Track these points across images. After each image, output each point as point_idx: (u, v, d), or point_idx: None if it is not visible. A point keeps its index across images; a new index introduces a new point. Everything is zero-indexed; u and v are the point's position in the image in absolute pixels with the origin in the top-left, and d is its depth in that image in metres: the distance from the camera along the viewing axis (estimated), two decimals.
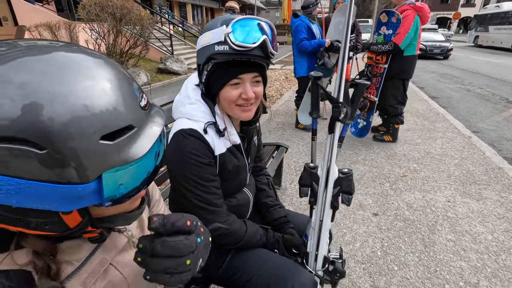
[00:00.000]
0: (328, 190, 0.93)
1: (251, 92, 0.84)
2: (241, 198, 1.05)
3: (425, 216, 2.20)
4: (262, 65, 0.85)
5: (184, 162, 0.84)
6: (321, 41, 3.40)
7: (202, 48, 0.82)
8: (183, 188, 0.85)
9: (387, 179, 2.75)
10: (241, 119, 0.92)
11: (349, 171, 0.93)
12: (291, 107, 5.07)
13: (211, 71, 0.84)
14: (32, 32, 7.91)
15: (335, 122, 0.85)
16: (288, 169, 2.95)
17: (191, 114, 0.87)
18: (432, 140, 3.69)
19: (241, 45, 0.75)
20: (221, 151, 0.90)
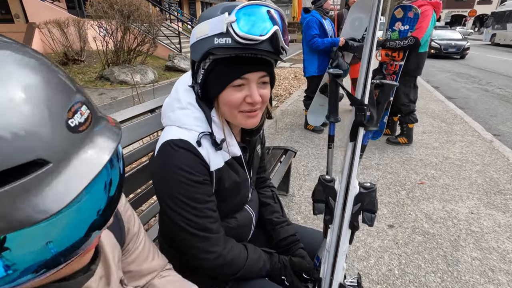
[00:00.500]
0: (347, 207, 0.79)
1: (257, 95, 0.70)
2: (242, 218, 0.91)
3: (447, 229, 2.01)
4: (270, 62, 0.70)
5: (172, 180, 0.69)
6: (335, 40, 3.22)
7: (197, 41, 0.68)
8: (170, 210, 0.71)
9: (403, 186, 2.57)
10: (245, 127, 0.77)
11: (372, 185, 0.78)
12: (300, 107, 4.89)
13: (208, 70, 0.69)
14: (42, 29, 7.94)
15: (358, 127, 0.70)
16: (297, 173, 2.79)
17: (181, 121, 0.73)
18: (451, 144, 3.46)
19: (248, 37, 0.61)
20: (218, 165, 0.76)
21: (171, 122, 0.74)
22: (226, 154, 0.79)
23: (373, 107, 0.69)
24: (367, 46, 0.63)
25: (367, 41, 0.62)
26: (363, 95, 0.67)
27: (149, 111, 1.50)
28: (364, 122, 0.67)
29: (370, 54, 0.63)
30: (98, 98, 6.05)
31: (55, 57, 8.22)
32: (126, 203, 0.62)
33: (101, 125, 0.33)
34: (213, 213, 0.75)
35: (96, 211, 0.33)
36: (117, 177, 0.36)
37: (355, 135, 0.71)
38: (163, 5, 13.30)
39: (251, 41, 0.62)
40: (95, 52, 7.65)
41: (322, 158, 3.13)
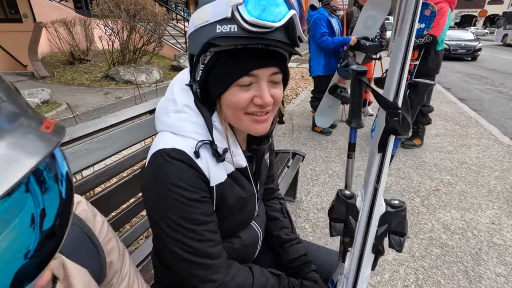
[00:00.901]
0: (371, 229, 0.67)
1: (268, 95, 0.58)
2: (247, 237, 0.79)
3: (466, 241, 1.87)
4: (283, 56, 0.59)
5: (164, 198, 0.58)
6: (346, 39, 3.08)
7: (196, 30, 0.56)
8: (163, 233, 0.60)
9: (417, 193, 2.43)
10: (253, 134, 0.65)
11: (401, 203, 0.66)
12: (307, 108, 4.76)
13: (209, 65, 0.58)
14: (48, 29, 7.96)
15: (389, 136, 0.58)
16: (304, 178, 2.67)
17: (177, 127, 0.61)
18: (466, 148, 3.30)
19: (258, 23, 0.49)
20: (219, 179, 0.64)
21: (165, 128, 0.63)
22: (229, 166, 0.67)
23: (407, 111, 0.57)
24: (403, 36, 0.51)
25: (404, 30, 0.50)
26: (396, 96, 0.55)
27: (148, 112, 1.41)
28: (398, 128, 0.55)
29: (408, 47, 0.51)
30: (103, 97, 6.01)
31: (62, 56, 8.23)
32: (108, 231, 0.51)
33: (16, 123, 0.22)
34: (213, 235, 0.63)
35: (23, 253, 0.23)
36: (56, 204, 0.26)
37: (385, 144, 0.59)
38: (170, 4, 13.28)
39: (262, 28, 0.50)
40: (101, 51, 7.62)
41: (330, 161, 3.00)
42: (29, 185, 0.23)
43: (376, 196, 0.63)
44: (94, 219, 0.49)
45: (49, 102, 5.40)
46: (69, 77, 7.28)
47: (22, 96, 0.26)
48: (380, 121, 0.59)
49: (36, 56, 7.68)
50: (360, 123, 0.71)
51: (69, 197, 0.28)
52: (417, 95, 0.62)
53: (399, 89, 0.54)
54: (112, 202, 1.13)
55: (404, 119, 0.55)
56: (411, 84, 0.63)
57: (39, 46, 7.99)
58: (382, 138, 0.59)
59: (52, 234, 0.26)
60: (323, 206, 2.24)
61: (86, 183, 1.03)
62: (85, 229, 0.46)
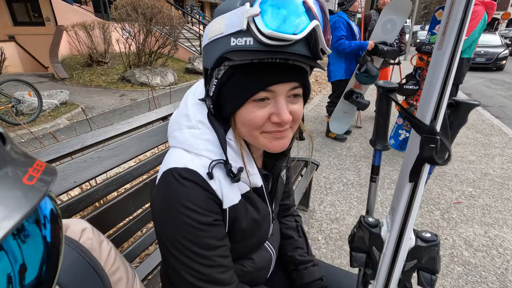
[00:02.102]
0: (397, 263, 0.61)
1: (286, 112, 0.53)
2: (260, 259, 0.74)
3: (491, 260, 1.76)
4: (303, 70, 0.54)
5: (174, 221, 0.54)
6: (363, 44, 2.99)
7: (210, 42, 0.52)
8: (171, 256, 0.56)
9: (436, 205, 2.31)
10: (270, 151, 0.60)
11: (434, 237, 0.59)
12: (321, 113, 4.68)
13: (223, 80, 0.54)
14: (69, 32, 8.21)
15: (424, 164, 0.51)
16: (317, 186, 2.60)
17: (189, 144, 0.58)
18: (489, 158, 3.14)
19: (276, 36, 0.45)
20: (233, 201, 0.60)
21: (177, 144, 0.60)
22: (244, 185, 0.63)
23: (446, 136, 0.49)
24: (445, 54, 0.44)
25: (448, 40, 0.43)
26: (434, 120, 0.48)
27: (161, 119, 1.39)
28: (435, 157, 0.49)
29: (452, 60, 0.44)
30: (119, 99, 6.12)
31: (81, 58, 8.47)
32: (115, 259, 0.48)
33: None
34: (224, 260, 0.59)
35: None
36: (40, 252, 0.23)
37: (417, 173, 0.52)
38: (185, 8, 13.47)
39: (281, 41, 0.46)
40: (118, 54, 7.79)
41: (345, 169, 2.92)
42: (3, 244, 0.20)
43: (405, 229, 0.56)
44: (100, 247, 0.46)
45: (67, 104, 5.55)
46: (87, 79, 7.47)
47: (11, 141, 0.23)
48: (412, 145, 0.53)
49: (56, 58, 7.93)
50: (386, 145, 0.65)
51: (55, 237, 0.25)
52: (458, 117, 0.55)
53: (438, 111, 0.47)
54: (122, 210, 1.11)
55: (442, 145, 0.48)
56: (450, 103, 0.56)
57: (59, 49, 8.26)
58: (416, 166, 0.52)
59: (39, 283, 0.23)
60: (337, 217, 2.17)
61: (97, 192, 1.02)
62: (90, 259, 0.43)
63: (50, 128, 4.42)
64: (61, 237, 0.26)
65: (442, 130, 0.49)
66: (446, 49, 0.44)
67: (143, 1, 7.05)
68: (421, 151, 0.50)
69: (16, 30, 10.04)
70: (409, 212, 0.56)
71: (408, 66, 3.03)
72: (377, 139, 0.64)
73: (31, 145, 1.89)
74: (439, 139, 0.48)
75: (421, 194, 0.55)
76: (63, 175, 0.91)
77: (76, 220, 0.49)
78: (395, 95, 0.57)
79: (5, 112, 4.36)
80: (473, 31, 2.47)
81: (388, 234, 0.60)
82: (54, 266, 0.25)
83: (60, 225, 0.26)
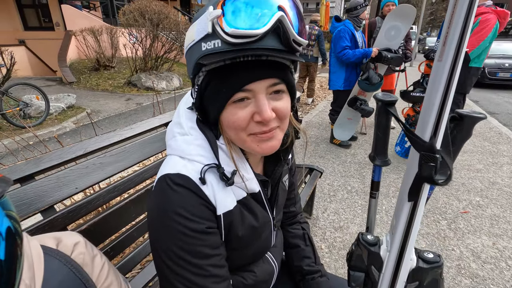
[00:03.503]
0: (398, 285, 0.58)
1: (267, 109, 0.51)
2: (262, 272, 0.72)
3: (500, 272, 1.71)
4: (282, 65, 0.52)
5: (167, 228, 0.53)
6: (367, 51, 2.98)
7: (187, 51, 0.52)
8: (165, 266, 0.55)
9: (443, 215, 2.27)
10: (261, 154, 0.58)
11: (436, 257, 0.57)
12: (326, 119, 4.66)
13: (203, 86, 0.53)
14: (77, 37, 8.36)
15: (423, 183, 0.49)
16: (321, 193, 2.57)
17: (183, 150, 0.57)
18: (497, 167, 3.08)
19: (240, 33, 0.44)
20: (228, 207, 0.58)
21: (172, 151, 0.59)
22: (240, 191, 0.61)
23: (448, 153, 0.47)
24: (445, 65, 0.43)
25: (449, 50, 0.42)
26: (433, 136, 0.46)
27: (164, 124, 1.39)
28: (434, 177, 0.46)
29: (453, 73, 0.43)
30: (125, 103, 6.18)
31: (88, 63, 8.60)
32: (108, 274, 0.47)
33: None
34: (218, 270, 0.57)
35: None
36: None
37: (417, 193, 0.50)
38: (192, 13, 13.63)
39: (246, 38, 0.45)
40: (125, 58, 7.90)
41: (349, 176, 2.88)
42: None
43: (406, 249, 0.54)
44: (92, 263, 0.45)
45: (74, 107, 5.62)
46: (94, 83, 7.57)
47: None
48: (411, 162, 0.50)
49: (65, 63, 8.07)
50: (386, 161, 0.63)
51: (10, 256, 0.24)
52: (462, 130, 0.52)
53: (438, 126, 0.45)
54: (124, 217, 1.10)
55: (443, 163, 0.46)
56: (453, 117, 0.53)
57: (68, 53, 8.40)
58: (414, 185, 0.50)
59: None
60: (341, 225, 2.13)
61: (99, 198, 1.01)
62: (81, 275, 0.43)
63: (57, 131, 4.47)
64: (19, 255, 0.25)
65: (443, 147, 0.46)
66: (447, 61, 0.43)
67: (151, 7, 7.15)
68: (420, 169, 0.48)
69: (26, 34, 10.26)
70: (409, 232, 0.53)
71: (415, 72, 3.00)
72: (376, 154, 0.62)
73: (36, 148, 1.91)
74: (439, 158, 0.46)
75: (421, 214, 0.53)
76: (65, 180, 0.91)
77: (69, 233, 0.49)
78: (395, 108, 0.56)
79: (13, 115, 4.43)
80: (484, 41, 2.41)
81: (388, 254, 0.58)
82: (8, 285, 0.24)
83: (18, 243, 0.25)
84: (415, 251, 0.58)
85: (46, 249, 0.41)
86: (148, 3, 7.20)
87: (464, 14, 0.40)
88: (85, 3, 11.18)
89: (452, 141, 0.51)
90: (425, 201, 0.55)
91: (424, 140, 0.47)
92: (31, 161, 0.85)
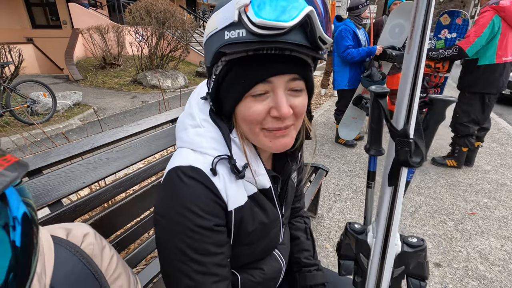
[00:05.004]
0: (385, 270, 0.59)
1: (285, 105, 0.50)
2: (270, 269, 0.72)
3: (508, 275, 1.68)
4: (304, 62, 0.51)
5: (174, 222, 0.53)
6: (371, 49, 2.95)
7: (208, 39, 0.52)
8: (167, 261, 0.55)
9: (450, 216, 2.24)
10: (273, 151, 0.58)
11: (420, 241, 0.59)
12: (331, 118, 4.64)
13: (221, 75, 0.52)
14: (84, 35, 8.42)
15: (400, 167, 0.52)
16: (326, 192, 2.56)
17: (195, 143, 0.56)
18: (506, 168, 3.04)
19: (268, 24, 0.43)
20: (239, 202, 0.58)
21: (183, 144, 0.59)
22: (251, 187, 0.60)
23: (420, 138, 0.50)
24: (412, 58, 0.45)
25: (413, 51, 0.45)
26: (406, 123, 0.49)
27: (170, 121, 1.39)
28: (410, 160, 0.50)
29: (419, 63, 0.45)
30: (130, 101, 6.22)
31: (95, 61, 8.66)
32: (117, 266, 0.47)
33: None
34: (220, 269, 0.56)
35: None
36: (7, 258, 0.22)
37: (396, 177, 0.53)
38: (197, 12, 13.67)
39: (273, 30, 0.44)
40: (131, 57, 7.95)
41: (354, 176, 2.87)
42: None
43: (390, 234, 0.56)
44: (101, 253, 0.45)
45: (80, 104, 5.67)
46: (100, 81, 7.63)
47: None
48: (390, 150, 0.53)
49: (71, 60, 8.14)
50: (380, 150, 0.64)
51: (27, 243, 0.24)
52: (434, 114, 0.56)
53: (410, 114, 0.48)
54: (130, 212, 1.11)
55: (417, 147, 0.50)
56: (425, 102, 0.56)
57: (75, 51, 8.48)
58: (392, 170, 0.53)
59: None
60: None
61: (105, 193, 1.02)
62: (90, 266, 0.42)
63: (63, 128, 4.51)
64: (35, 243, 0.25)
65: (416, 132, 0.50)
66: (413, 53, 0.45)
67: (157, 6, 7.18)
68: (396, 155, 0.51)
69: (34, 32, 10.38)
70: (392, 217, 0.55)
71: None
72: (371, 145, 0.63)
73: (44, 144, 1.92)
74: (412, 142, 0.49)
75: (401, 198, 0.55)
76: (72, 175, 0.91)
77: (79, 224, 0.49)
78: (385, 100, 0.56)
79: (20, 112, 4.49)
80: (480, 37, 2.40)
81: (374, 241, 0.60)
82: (24, 273, 0.23)
83: (35, 230, 0.25)
84: (400, 238, 0.60)
85: (56, 239, 0.41)
86: (155, 1, 7.24)
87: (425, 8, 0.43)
88: (92, 2, 11.28)
89: (427, 125, 0.56)
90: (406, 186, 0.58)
91: (397, 128, 0.51)
92: (39, 155, 0.85)
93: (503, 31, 2.42)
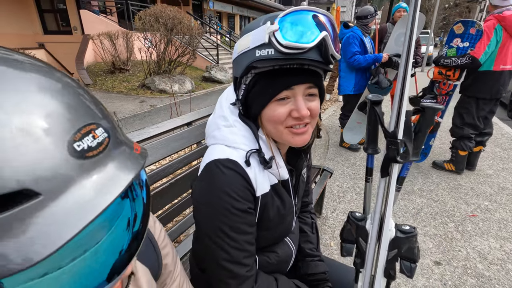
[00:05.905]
0: (381, 252, 0.69)
1: (304, 108, 0.63)
2: (283, 253, 0.83)
3: (506, 274, 1.75)
4: (317, 73, 0.65)
5: (214, 206, 0.64)
6: (378, 56, 3.05)
7: (239, 55, 0.65)
8: (206, 237, 0.66)
9: (451, 217, 2.31)
10: (294, 146, 0.70)
11: (412, 229, 0.68)
12: (335, 123, 4.73)
13: (250, 85, 0.66)
14: (94, 40, 8.66)
15: (389, 163, 0.63)
16: (330, 194, 2.65)
17: (229, 140, 0.68)
18: (507, 173, 3.09)
19: (293, 45, 0.56)
20: (264, 190, 0.69)
21: (217, 141, 0.70)
22: (273, 177, 0.72)
23: (409, 139, 0.62)
24: (400, 69, 0.57)
25: (400, 68, 0.57)
26: (396, 127, 0.60)
27: (186, 124, 1.50)
28: (398, 157, 0.61)
29: (404, 79, 0.56)
30: (139, 105, 6.38)
31: (104, 66, 8.89)
32: (165, 237, 0.57)
33: (119, 150, 0.29)
34: (250, 246, 0.68)
35: (119, 251, 0.29)
36: (141, 209, 0.32)
37: (387, 170, 0.64)
38: (204, 18, 13.91)
39: (296, 50, 0.57)
40: (139, 62, 8.14)
41: (358, 179, 2.95)
42: (128, 193, 0.30)
43: (384, 220, 0.65)
44: (154, 225, 0.56)
45: None
46: (110, 85, 7.83)
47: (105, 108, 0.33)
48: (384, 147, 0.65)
49: (82, 65, 8.37)
50: (376, 149, 0.75)
51: (148, 201, 0.34)
52: (425, 119, 0.66)
53: (398, 119, 0.59)
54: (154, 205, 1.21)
55: (406, 147, 0.60)
56: (418, 109, 0.67)
57: (85, 56, 8.71)
58: (384, 164, 0.64)
59: (139, 233, 0.32)
60: None
61: None
62: (148, 233, 0.53)
63: None
64: (150, 203, 0.35)
65: (405, 135, 0.60)
66: (400, 69, 0.56)
67: (165, 13, 7.38)
68: (387, 152, 0.62)
69: (46, 38, 10.68)
70: (386, 206, 0.65)
71: (426, 78, 3.05)
72: (368, 145, 0.74)
73: None
74: (400, 142, 0.60)
75: (394, 188, 0.65)
76: None
77: None
78: (380, 107, 0.67)
79: None
80: (489, 44, 2.48)
81: (371, 227, 0.69)
82: (146, 224, 0.34)
83: (149, 192, 0.35)
84: (395, 225, 0.70)
85: None
86: (164, 8, 7.44)
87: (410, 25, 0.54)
88: (102, 8, 11.57)
89: (419, 129, 0.66)
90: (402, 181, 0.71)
91: (388, 131, 0.62)
92: None
93: (504, 40, 2.49)
